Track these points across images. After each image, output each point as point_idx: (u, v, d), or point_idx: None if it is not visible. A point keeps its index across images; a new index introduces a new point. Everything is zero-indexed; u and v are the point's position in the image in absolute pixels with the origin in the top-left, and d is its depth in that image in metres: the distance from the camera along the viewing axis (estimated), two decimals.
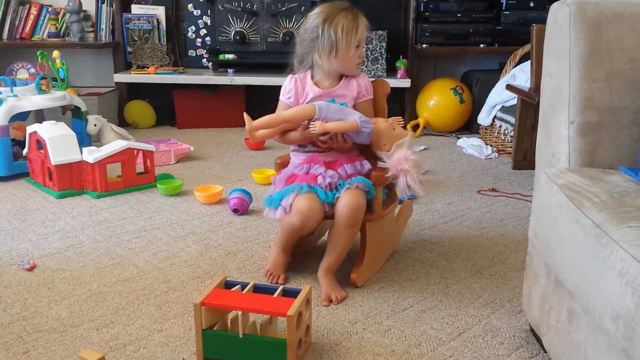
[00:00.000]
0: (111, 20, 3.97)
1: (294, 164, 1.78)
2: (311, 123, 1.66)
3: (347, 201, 1.62)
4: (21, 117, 2.92)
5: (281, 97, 1.81)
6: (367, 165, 1.73)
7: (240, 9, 3.70)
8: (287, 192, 1.67)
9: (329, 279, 1.68)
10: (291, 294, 1.38)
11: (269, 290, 1.40)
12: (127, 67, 3.98)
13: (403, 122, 1.73)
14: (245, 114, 1.71)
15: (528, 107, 2.89)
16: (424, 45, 3.75)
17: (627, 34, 1.28)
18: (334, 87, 1.77)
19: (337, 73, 1.77)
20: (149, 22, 3.91)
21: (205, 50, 3.99)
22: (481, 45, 3.75)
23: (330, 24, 1.69)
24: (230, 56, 3.79)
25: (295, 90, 1.78)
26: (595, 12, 1.28)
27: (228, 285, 1.42)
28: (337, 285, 1.68)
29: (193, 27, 3.98)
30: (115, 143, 2.60)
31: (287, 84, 1.80)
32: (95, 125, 3.05)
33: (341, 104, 1.74)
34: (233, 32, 3.73)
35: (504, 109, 3.30)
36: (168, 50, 3.97)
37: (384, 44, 3.68)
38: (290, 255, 1.80)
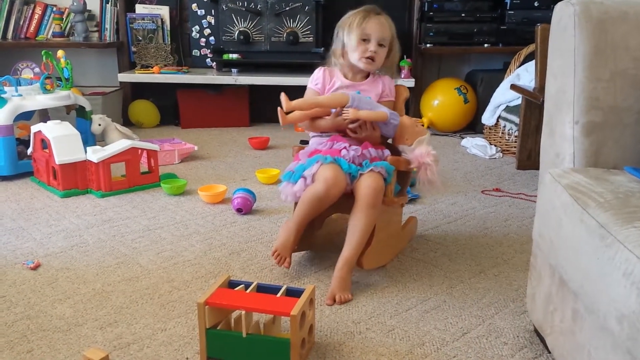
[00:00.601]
0: (115, 20, 3.97)
1: (317, 142, 1.86)
2: (344, 110, 1.75)
3: (369, 182, 1.67)
4: (26, 117, 2.93)
5: (309, 85, 1.92)
6: (387, 152, 1.81)
7: (244, 9, 3.70)
8: (310, 163, 1.71)
9: (342, 277, 1.66)
10: (294, 293, 1.38)
11: (273, 290, 1.40)
12: (131, 66, 3.99)
13: (422, 124, 1.80)
14: (282, 93, 1.79)
15: (532, 107, 2.88)
16: (428, 45, 3.75)
17: (632, 34, 1.27)
18: (360, 82, 1.89)
19: (359, 70, 1.88)
20: (153, 22, 3.92)
21: (209, 50, 3.99)
22: (485, 45, 3.74)
23: (342, 22, 1.86)
24: (234, 56, 3.80)
25: (323, 79, 1.90)
26: (599, 12, 1.27)
27: (232, 284, 1.42)
28: (347, 286, 1.66)
29: (197, 27, 3.98)
30: (119, 142, 2.60)
31: (316, 73, 1.92)
32: (99, 124, 3.05)
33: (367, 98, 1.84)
34: (237, 31, 3.73)
35: (508, 109, 3.29)
36: (172, 50, 3.98)
37: None
38: (298, 241, 1.78)
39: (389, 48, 1.86)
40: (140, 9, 3.94)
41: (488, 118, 3.44)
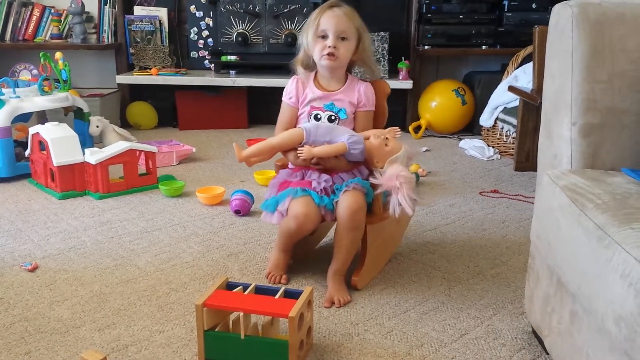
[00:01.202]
0: (113, 22, 3.97)
1: (288, 172, 1.78)
2: (299, 148, 1.67)
3: (347, 203, 1.60)
4: (24, 119, 2.92)
5: (284, 98, 1.83)
6: (365, 170, 1.73)
7: (242, 11, 3.70)
8: (282, 197, 1.66)
9: (337, 282, 1.67)
10: (293, 295, 1.38)
11: (271, 292, 1.40)
12: (129, 68, 3.99)
13: (400, 133, 1.71)
14: (235, 144, 1.76)
15: (530, 108, 2.88)
16: (426, 47, 3.75)
17: (630, 35, 1.27)
18: (335, 91, 1.78)
19: (331, 74, 1.77)
20: (151, 24, 3.92)
21: (207, 52, 3.99)
22: (483, 47, 3.75)
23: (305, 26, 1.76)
24: (233, 57, 3.80)
25: (296, 90, 1.80)
26: (597, 14, 1.28)
27: (230, 286, 1.42)
28: (343, 288, 1.67)
29: (195, 29, 3.98)
30: (117, 144, 2.60)
31: (289, 85, 1.82)
32: (97, 126, 3.05)
33: (340, 110, 1.76)
34: (235, 33, 3.73)
35: (506, 111, 3.30)
36: (170, 52, 3.98)
37: (386, 45, 3.69)
38: (290, 257, 1.80)
39: (356, 40, 1.73)
40: (138, 10, 3.94)
41: (486, 120, 3.44)
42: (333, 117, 1.76)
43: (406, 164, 1.69)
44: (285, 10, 3.68)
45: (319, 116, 1.77)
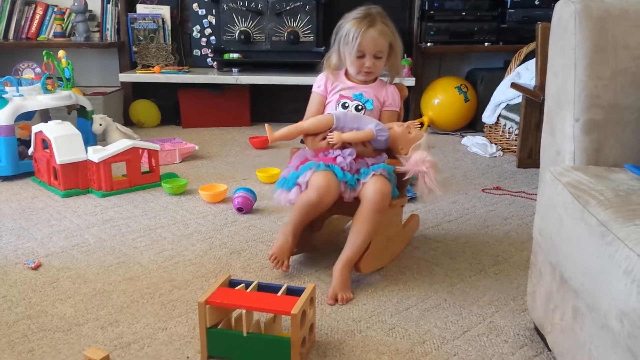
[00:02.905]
0: (116, 20, 3.97)
1: (307, 152, 1.83)
2: (329, 134, 1.74)
3: (377, 186, 1.65)
4: (27, 117, 2.93)
5: (314, 88, 1.91)
6: (385, 156, 1.79)
7: (245, 9, 3.70)
8: (303, 170, 1.69)
9: (343, 277, 1.66)
10: (295, 292, 1.38)
11: (273, 289, 1.40)
12: (132, 66, 3.99)
13: (419, 125, 1.79)
14: (267, 125, 1.83)
15: (533, 105, 2.88)
16: (428, 44, 3.75)
17: (633, 32, 1.27)
18: (366, 84, 1.86)
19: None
20: (154, 22, 3.92)
21: (210, 50, 3.99)
22: (486, 44, 3.74)
23: (339, 30, 1.82)
24: (235, 55, 3.79)
25: (326, 81, 1.88)
26: (600, 10, 1.27)
27: (232, 283, 1.43)
28: (347, 285, 1.67)
29: (198, 27, 3.98)
30: (120, 142, 2.60)
31: (319, 78, 1.91)
32: (100, 124, 3.06)
33: (367, 100, 1.83)
34: (238, 31, 3.73)
35: (508, 108, 3.29)
36: (173, 50, 3.98)
37: None
38: (296, 244, 1.79)
39: (389, 51, 1.82)
40: (141, 9, 3.94)
41: (488, 117, 3.44)
42: (360, 107, 1.83)
43: (429, 148, 1.77)
44: (288, 8, 3.67)
45: (346, 104, 1.83)
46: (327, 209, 1.72)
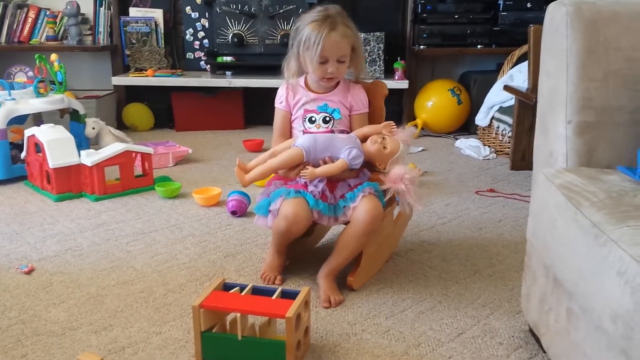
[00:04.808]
0: (109, 23, 3.97)
1: (281, 182, 1.76)
2: (302, 172, 1.65)
3: (367, 208, 1.60)
4: (19, 121, 2.91)
5: (276, 103, 1.83)
6: (367, 173, 1.74)
7: (238, 12, 3.70)
8: (274, 197, 1.66)
9: (329, 282, 1.67)
10: (290, 295, 1.37)
11: (268, 292, 1.40)
12: (125, 70, 3.98)
13: (394, 127, 1.72)
14: (236, 169, 1.74)
15: (526, 107, 2.89)
16: (421, 47, 3.76)
17: (624, 34, 1.28)
18: (328, 92, 1.78)
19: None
20: (147, 25, 3.91)
21: (203, 53, 3.99)
22: (479, 47, 3.76)
23: (297, 34, 1.71)
24: (228, 58, 3.80)
25: (287, 95, 1.80)
26: (592, 12, 1.28)
27: (227, 287, 1.42)
28: (336, 288, 1.68)
29: (191, 30, 3.98)
30: (113, 146, 2.60)
31: (280, 91, 1.83)
32: (93, 128, 3.04)
33: (334, 110, 1.76)
34: (231, 34, 3.73)
35: (501, 110, 3.30)
36: (166, 53, 3.97)
37: (381, 45, 3.68)
38: (285, 258, 1.80)
39: (351, 55, 1.72)
40: (134, 12, 3.94)
41: (482, 119, 3.45)
42: (328, 119, 1.76)
43: (406, 151, 1.73)
44: (281, 11, 3.68)
45: (313, 119, 1.77)
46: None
